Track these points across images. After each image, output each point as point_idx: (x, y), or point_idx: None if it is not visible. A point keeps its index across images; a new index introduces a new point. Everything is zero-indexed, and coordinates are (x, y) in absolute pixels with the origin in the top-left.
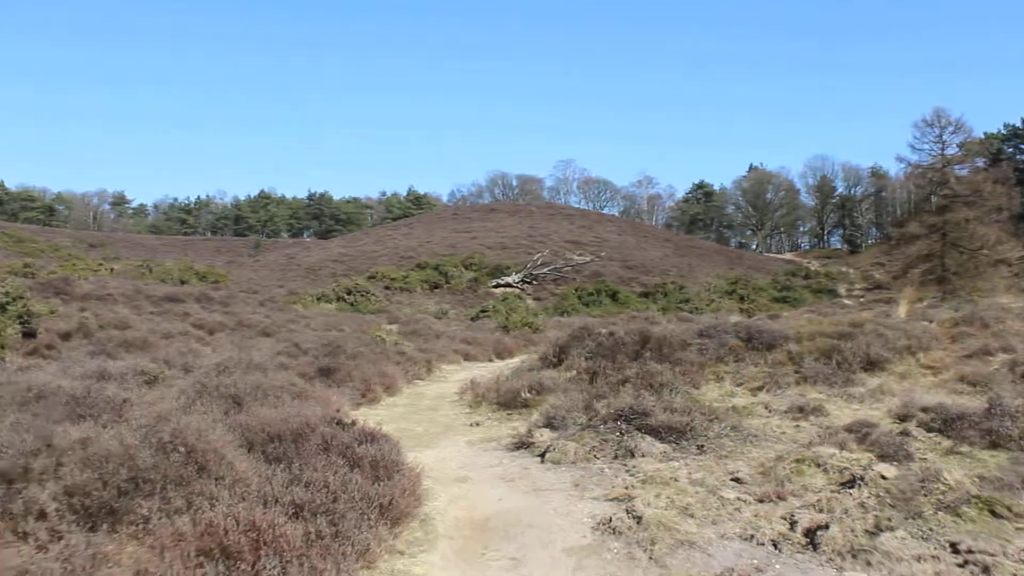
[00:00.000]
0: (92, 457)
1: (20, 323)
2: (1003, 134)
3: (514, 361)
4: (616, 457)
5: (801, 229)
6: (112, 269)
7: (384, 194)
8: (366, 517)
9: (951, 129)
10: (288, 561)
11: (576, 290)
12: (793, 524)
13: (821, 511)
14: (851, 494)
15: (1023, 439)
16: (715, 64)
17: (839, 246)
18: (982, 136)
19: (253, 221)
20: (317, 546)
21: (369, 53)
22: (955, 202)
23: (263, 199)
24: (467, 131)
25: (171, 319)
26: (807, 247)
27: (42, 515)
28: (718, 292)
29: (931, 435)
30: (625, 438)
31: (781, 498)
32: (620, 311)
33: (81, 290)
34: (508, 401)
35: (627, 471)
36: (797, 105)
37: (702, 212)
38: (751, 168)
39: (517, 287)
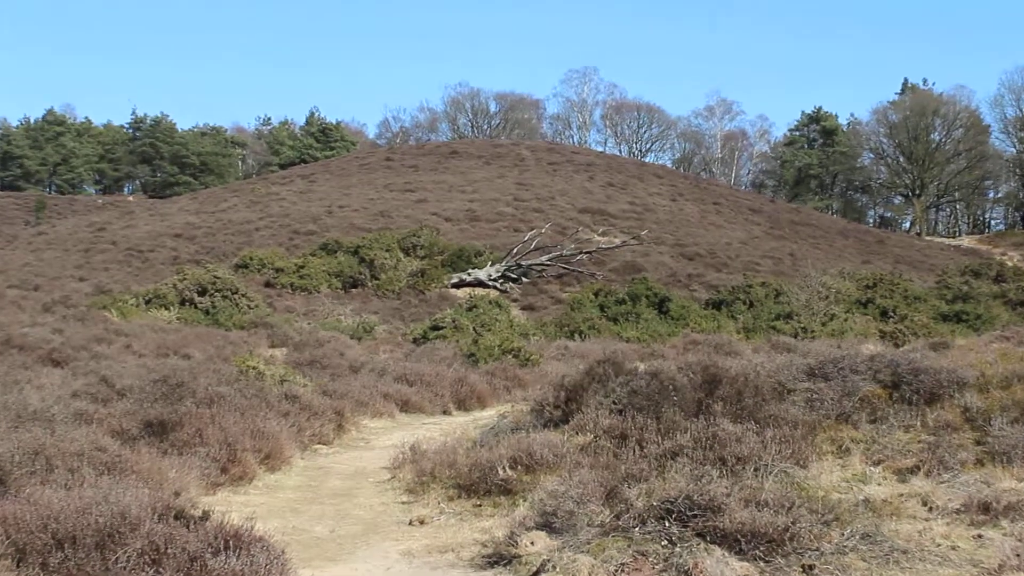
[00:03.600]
0: None
1: None
2: None
3: (487, 414)
4: None
5: (991, 195)
6: None
7: (265, 123)
8: None
9: None
10: None
11: (597, 294)
12: None
13: None
14: None
15: None
16: None
17: None
18: None
19: (32, 164)
20: None
21: None
22: None
23: (51, 126)
24: (408, 26)
25: None
26: (1001, 226)
27: None
28: (843, 302)
29: None
30: (677, 550)
31: None
32: (672, 331)
33: None
34: (475, 483)
35: None
36: None
37: (817, 163)
38: (906, 88)
39: (495, 287)
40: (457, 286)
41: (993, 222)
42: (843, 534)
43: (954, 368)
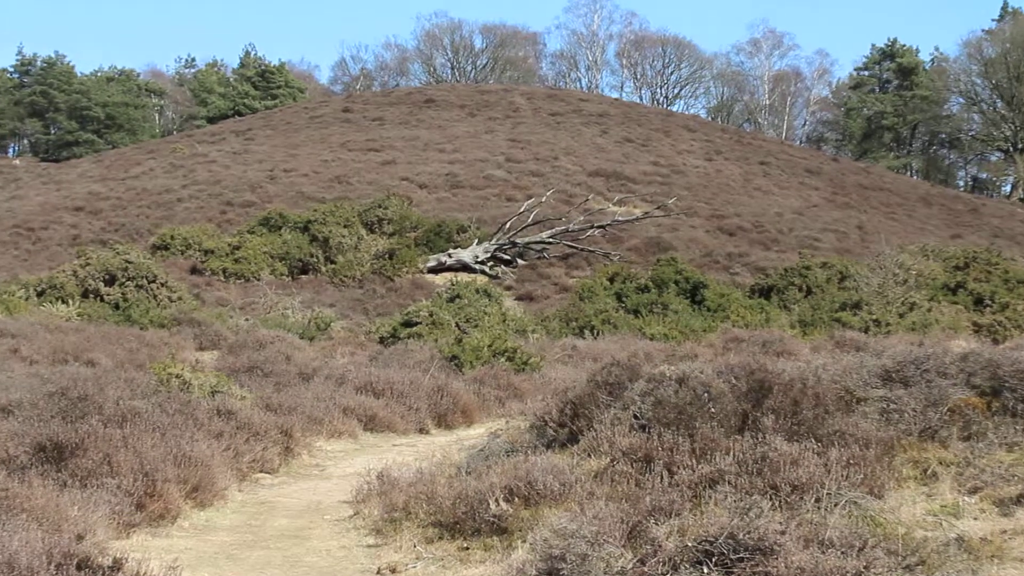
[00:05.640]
0: None
1: None
2: None
3: (474, 433)
4: None
5: None
6: None
7: (188, 65)
8: None
9: None
10: None
11: (612, 279)
12: None
13: None
14: None
15: None
16: None
17: None
18: None
19: None
20: None
21: None
22: None
23: None
24: None
25: None
26: None
27: None
28: (926, 287)
29: None
30: None
31: None
32: (708, 326)
33: None
34: (461, 520)
35: None
36: None
37: (892, 111)
38: (1006, 13)
39: (483, 271)
40: (435, 271)
41: None
42: None
43: None
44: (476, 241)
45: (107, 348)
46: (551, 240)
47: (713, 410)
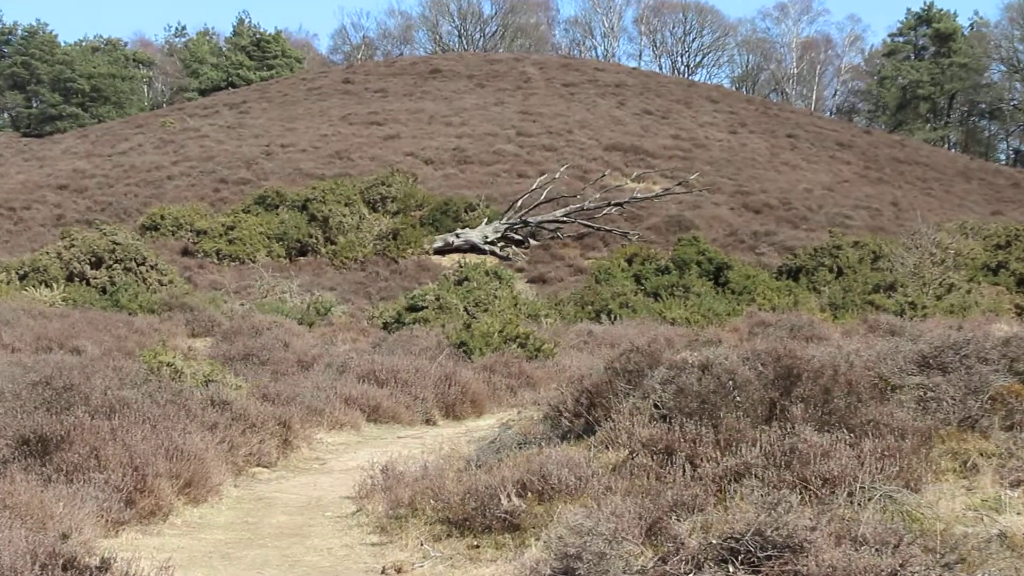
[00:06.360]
0: None
1: None
2: None
3: (484, 424)
4: None
5: None
6: None
7: (178, 34)
8: None
9: None
10: None
11: (631, 260)
12: None
13: None
14: None
15: None
16: None
17: None
18: None
19: None
20: None
21: None
22: None
23: None
24: None
25: None
26: None
27: None
28: (965, 267)
29: None
30: None
31: None
32: (732, 310)
33: None
34: (470, 517)
35: None
36: None
37: (928, 80)
38: None
39: (493, 252)
40: (442, 252)
41: None
42: None
43: None
44: (485, 220)
45: (94, 335)
46: (565, 219)
47: (738, 399)
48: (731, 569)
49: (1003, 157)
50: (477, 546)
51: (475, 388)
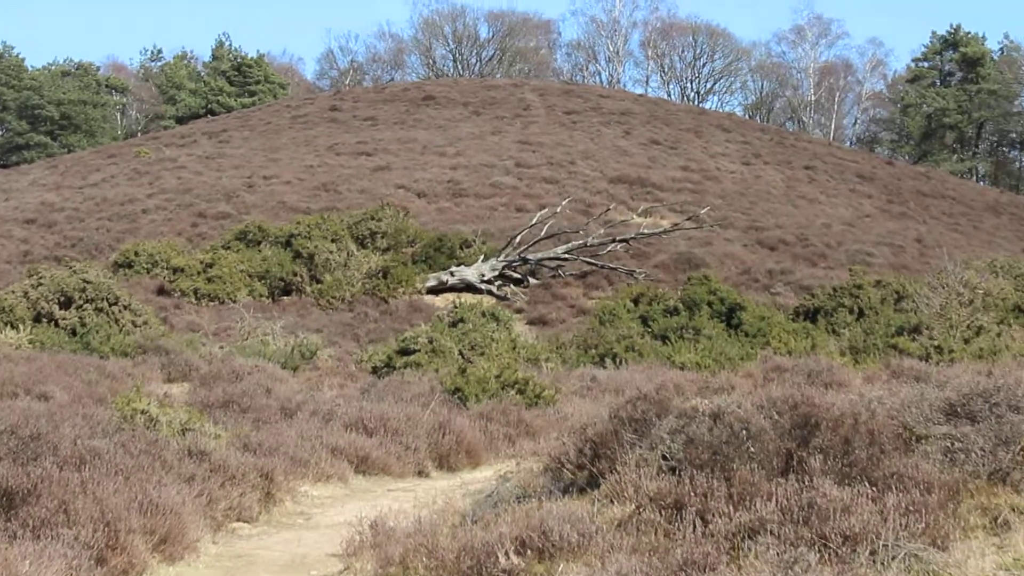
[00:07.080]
0: None
1: None
2: None
3: (480, 476)
4: None
5: None
6: None
7: (154, 58)
8: None
9: None
10: None
11: (637, 301)
12: None
13: None
14: None
15: None
16: None
17: None
18: None
19: None
20: None
21: None
22: None
23: None
24: None
25: None
26: None
27: None
28: (996, 308)
29: None
30: None
31: None
32: (746, 354)
33: None
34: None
35: None
36: None
37: (955, 108)
38: None
39: (490, 291)
40: (435, 291)
41: None
42: None
43: None
44: (482, 257)
45: (63, 380)
46: (567, 256)
47: (752, 450)
48: None
49: None
50: None
51: (471, 437)
